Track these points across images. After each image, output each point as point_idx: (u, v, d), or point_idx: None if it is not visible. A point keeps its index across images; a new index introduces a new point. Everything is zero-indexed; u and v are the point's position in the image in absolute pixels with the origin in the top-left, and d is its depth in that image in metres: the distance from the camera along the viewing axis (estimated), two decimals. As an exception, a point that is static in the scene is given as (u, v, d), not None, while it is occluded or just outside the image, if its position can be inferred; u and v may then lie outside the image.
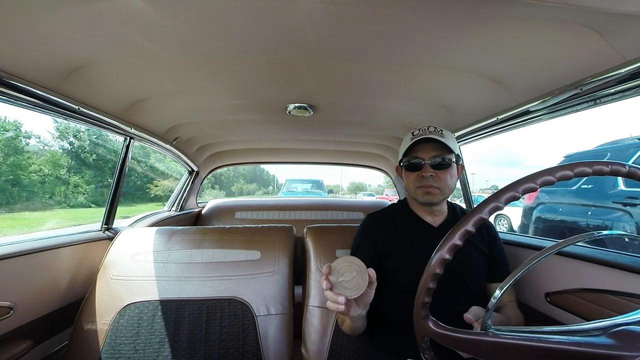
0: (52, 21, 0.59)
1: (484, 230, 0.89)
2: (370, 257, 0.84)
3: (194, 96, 1.06)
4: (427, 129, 0.84)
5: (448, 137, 0.83)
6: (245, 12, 0.58)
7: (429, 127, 0.84)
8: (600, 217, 2.99)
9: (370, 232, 0.91)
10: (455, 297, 0.77)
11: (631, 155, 2.91)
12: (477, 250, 0.85)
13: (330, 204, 2.22)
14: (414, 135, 0.85)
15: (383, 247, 0.86)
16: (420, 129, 0.85)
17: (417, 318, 0.44)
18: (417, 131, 0.85)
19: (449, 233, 0.41)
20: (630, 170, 0.38)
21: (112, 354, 0.87)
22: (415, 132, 0.86)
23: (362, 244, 0.90)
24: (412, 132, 0.87)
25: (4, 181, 12.99)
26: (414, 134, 0.86)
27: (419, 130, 0.85)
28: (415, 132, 0.86)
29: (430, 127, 0.84)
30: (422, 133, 0.83)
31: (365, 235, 0.91)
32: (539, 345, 0.36)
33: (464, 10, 0.55)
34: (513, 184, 0.39)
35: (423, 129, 0.85)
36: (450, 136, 0.85)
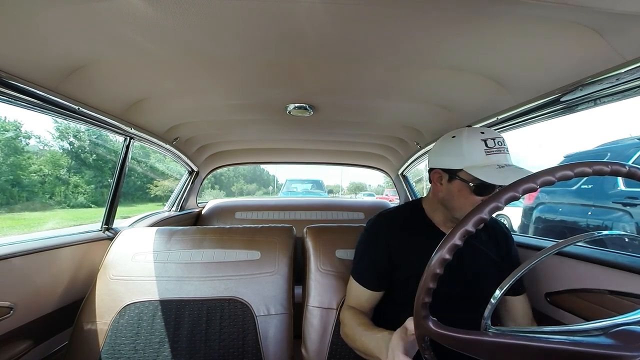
0: (52, 21, 0.59)
1: (500, 238, 0.85)
2: (382, 266, 0.80)
3: (194, 96, 1.06)
4: (503, 142, 0.73)
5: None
6: (245, 12, 0.58)
7: (503, 141, 0.73)
8: (600, 217, 2.99)
9: (380, 237, 0.83)
10: (463, 308, 0.74)
11: (631, 155, 2.91)
12: (488, 259, 0.81)
13: (330, 204, 2.22)
14: (489, 147, 0.72)
15: (395, 257, 0.80)
16: (497, 140, 0.73)
17: (417, 318, 0.44)
18: (490, 141, 0.73)
19: (449, 233, 0.41)
20: (630, 170, 0.38)
21: (112, 354, 0.87)
22: (488, 141, 0.73)
23: (371, 250, 0.83)
24: (478, 132, 0.74)
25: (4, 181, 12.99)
26: (487, 144, 0.72)
27: (494, 141, 0.73)
28: (490, 142, 0.72)
29: (503, 139, 0.74)
30: (499, 146, 0.72)
31: (375, 239, 0.84)
32: (539, 345, 0.36)
33: (464, 10, 0.55)
34: (513, 184, 0.39)
35: (499, 141, 0.73)
36: None
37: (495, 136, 0.74)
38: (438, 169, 0.79)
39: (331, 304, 0.93)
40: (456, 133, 0.77)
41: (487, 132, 0.75)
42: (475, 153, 0.73)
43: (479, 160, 0.72)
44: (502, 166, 0.70)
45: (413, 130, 1.43)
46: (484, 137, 0.73)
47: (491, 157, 0.72)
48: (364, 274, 0.82)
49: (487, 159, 0.72)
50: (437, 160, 0.80)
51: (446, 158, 0.78)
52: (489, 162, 0.72)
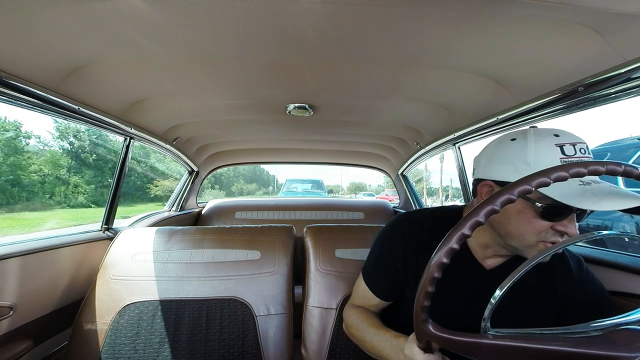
0: (52, 21, 0.59)
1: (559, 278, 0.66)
2: (397, 277, 0.72)
3: (194, 96, 1.06)
4: (587, 150, 0.55)
5: None
6: (245, 12, 0.58)
7: (587, 147, 0.56)
8: (600, 217, 2.98)
9: (400, 247, 0.72)
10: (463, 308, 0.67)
11: (631, 155, 2.91)
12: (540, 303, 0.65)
13: (330, 204, 2.22)
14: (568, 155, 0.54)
15: (411, 274, 0.70)
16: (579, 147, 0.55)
17: (417, 321, 0.44)
18: (569, 148, 0.55)
19: (446, 237, 0.41)
20: (626, 170, 0.38)
21: (112, 354, 0.87)
22: (565, 147, 0.55)
23: (387, 257, 0.73)
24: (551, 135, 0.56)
25: (4, 181, 12.99)
26: (565, 151, 0.54)
27: (574, 148, 0.55)
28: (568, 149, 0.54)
29: (586, 144, 0.56)
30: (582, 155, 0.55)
31: (394, 246, 0.73)
32: (538, 346, 0.36)
33: (464, 10, 0.55)
34: (509, 186, 0.39)
35: (583, 148, 0.55)
36: None
37: (576, 141, 0.56)
38: (489, 181, 0.61)
39: (331, 304, 0.93)
40: (517, 135, 0.60)
41: (562, 134, 0.57)
42: (547, 162, 0.54)
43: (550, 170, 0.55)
44: (587, 183, 0.52)
45: (413, 130, 1.43)
46: (560, 142, 0.55)
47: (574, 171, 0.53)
48: (376, 281, 0.75)
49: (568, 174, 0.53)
50: (489, 169, 0.62)
51: (502, 167, 0.60)
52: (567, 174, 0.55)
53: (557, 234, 0.55)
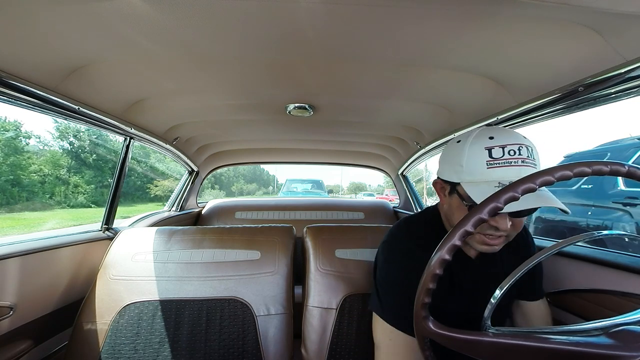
0: (52, 21, 0.59)
1: (522, 246, 0.75)
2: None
3: (194, 96, 1.06)
4: (519, 151, 0.56)
5: (539, 161, 0.58)
6: (245, 12, 0.58)
7: (520, 148, 0.57)
8: (600, 217, 2.98)
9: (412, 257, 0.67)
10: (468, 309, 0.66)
11: (631, 155, 2.91)
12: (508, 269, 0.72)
13: (330, 204, 2.22)
14: (495, 157, 0.57)
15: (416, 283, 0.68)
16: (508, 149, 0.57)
17: (417, 318, 0.44)
18: (497, 150, 0.57)
19: (448, 233, 0.41)
20: (629, 170, 0.38)
21: (112, 354, 0.87)
22: (494, 150, 0.57)
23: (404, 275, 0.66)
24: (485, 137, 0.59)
25: (4, 181, 13.00)
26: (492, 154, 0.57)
27: (503, 150, 0.57)
28: (496, 152, 0.57)
29: (522, 146, 0.57)
30: (510, 157, 0.56)
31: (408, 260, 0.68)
32: (538, 345, 0.36)
33: (464, 10, 0.55)
34: (513, 184, 0.39)
35: (513, 149, 0.56)
36: (538, 154, 0.59)
37: (508, 142, 0.57)
38: (439, 179, 0.68)
39: (331, 304, 0.93)
40: (462, 136, 0.64)
41: (499, 136, 0.59)
42: (475, 164, 0.59)
43: (478, 174, 0.58)
44: (503, 184, 0.55)
45: (413, 130, 1.43)
46: (490, 145, 0.58)
47: (494, 172, 0.57)
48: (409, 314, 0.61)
49: (487, 173, 0.57)
50: (440, 168, 0.69)
51: (447, 167, 0.65)
52: (489, 178, 0.57)
53: (491, 227, 0.58)
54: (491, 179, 0.57)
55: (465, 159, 0.60)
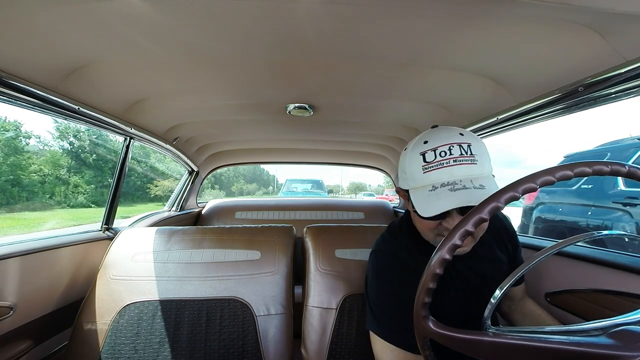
0: (52, 21, 0.59)
1: (505, 237, 0.77)
2: None
3: (194, 96, 1.06)
4: (450, 151, 0.57)
5: (480, 153, 0.58)
6: (245, 12, 0.58)
7: (451, 147, 0.57)
8: (600, 217, 2.98)
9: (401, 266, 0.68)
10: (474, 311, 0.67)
11: (631, 155, 2.91)
12: (496, 263, 0.73)
13: (330, 204, 2.22)
14: (428, 161, 0.58)
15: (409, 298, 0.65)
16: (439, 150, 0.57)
17: (417, 318, 0.44)
18: (430, 154, 0.58)
19: (449, 233, 0.41)
20: (630, 170, 0.38)
21: (112, 354, 0.87)
22: (427, 154, 0.58)
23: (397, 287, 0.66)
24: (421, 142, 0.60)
25: (4, 181, 13.00)
26: (426, 158, 0.58)
27: (434, 153, 0.57)
28: (429, 156, 0.58)
29: (452, 145, 0.57)
30: (441, 158, 0.57)
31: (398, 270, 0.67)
32: (538, 345, 0.36)
33: (464, 10, 0.55)
34: (513, 184, 0.39)
35: (443, 150, 0.57)
36: (481, 148, 0.59)
37: (439, 144, 0.58)
38: (398, 187, 0.69)
39: (331, 304, 0.93)
40: (409, 145, 0.65)
41: (432, 139, 0.59)
42: (414, 171, 0.60)
43: (418, 180, 0.59)
44: (434, 187, 0.56)
45: (413, 130, 1.43)
46: (423, 149, 0.59)
47: (429, 176, 0.57)
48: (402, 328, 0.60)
49: (424, 178, 0.58)
50: (398, 176, 0.69)
51: (400, 175, 0.66)
52: (425, 182, 0.58)
53: (447, 229, 0.58)
54: (427, 183, 0.58)
55: (407, 166, 0.62)
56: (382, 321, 0.65)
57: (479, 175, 0.57)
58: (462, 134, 0.60)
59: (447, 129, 0.62)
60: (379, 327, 0.65)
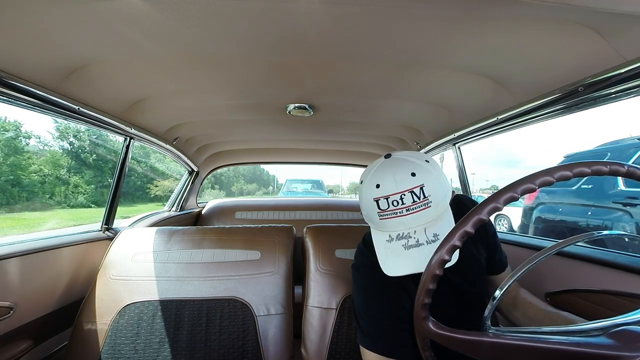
0: (52, 21, 0.59)
1: (481, 230, 0.75)
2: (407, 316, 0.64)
3: (194, 96, 1.06)
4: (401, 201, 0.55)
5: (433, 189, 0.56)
6: (245, 12, 0.58)
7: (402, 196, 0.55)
8: (600, 217, 2.98)
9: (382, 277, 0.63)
10: (462, 308, 0.69)
11: (631, 155, 2.91)
12: (475, 259, 0.72)
13: (330, 204, 2.22)
14: (382, 209, 0.57)
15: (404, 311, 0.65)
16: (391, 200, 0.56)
17: (417, 319, 0.44)
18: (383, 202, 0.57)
19: (448, 234, 0.41)
20: (629, 170, 0.38)
21: (112, 354, 0.87)
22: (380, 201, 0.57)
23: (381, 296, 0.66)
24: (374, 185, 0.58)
25: (4, 181, 12.99)
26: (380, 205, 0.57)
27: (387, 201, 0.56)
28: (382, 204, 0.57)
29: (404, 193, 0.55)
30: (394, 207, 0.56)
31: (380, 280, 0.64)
32: (538, 345, 0.36)
33: (464, 10, 0.55)
34: (512, 184, 0.39)
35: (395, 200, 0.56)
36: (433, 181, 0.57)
37: (391, 192, 0.56)
38: None
39: (331, 304, 0.93)
40: (364, 177, 0.63)
41: (385, 183, 0.57)
42: (371, 214, 0.60)
43: (375, 223, 0.60)
44: (392, 238, 0.57)
45: (413, 130, 1.43)
46: (376, 195, 0.57)
47: (385, 223, 0.58)
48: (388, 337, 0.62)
49: (381, 224, 0.58)
50: None
51: (360, 206, 0.65)
52: (383, 228, 0.59)
53: None
54: (384, 229, 0.59)
55: (364, 206, 0.62)
56: (372, 334, 0.65)
57: (433, 218, 0.56)
58: (414, 174, 0.57)
59: (400, 164, 0.59)
60: (369, 341, 0.65)
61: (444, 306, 0.66)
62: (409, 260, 0.55)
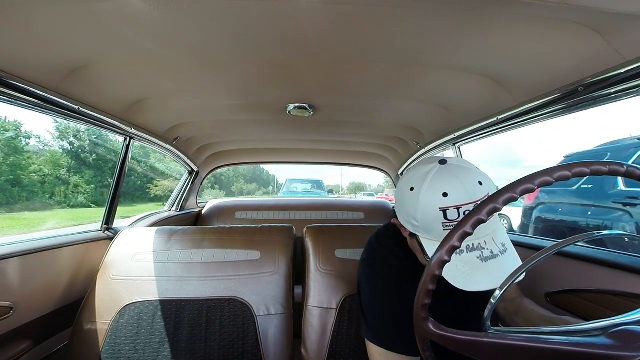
0: (52, 21, 0.59)
1: None
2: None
3: (194, 96, 1.06)
4: None
5: None
6: (245, 12, 0.58)
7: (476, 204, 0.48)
8: (600, 217, 2.98)
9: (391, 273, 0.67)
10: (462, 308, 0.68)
11: (631, 155, 2.91)
12: None
13: (330, 204, 2.22)
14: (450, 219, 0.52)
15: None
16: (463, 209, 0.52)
17: (416, 319, 0.44)
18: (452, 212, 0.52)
19: (448, 234, 0.41)
20: (628, 170, 0.38)
21: (112, 354, 0.87)
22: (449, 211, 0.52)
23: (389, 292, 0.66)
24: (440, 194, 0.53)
25: (4, 181, 13.00)
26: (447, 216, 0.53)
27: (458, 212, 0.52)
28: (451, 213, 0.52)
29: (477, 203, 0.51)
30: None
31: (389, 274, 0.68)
32: (538, 345, 0.36)
33: (463, 10, 0.55)
34: (511, 185, 0.39)
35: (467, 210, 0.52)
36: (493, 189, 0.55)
37: (463, 202, 0.52)
38: (397, 220, 0.64)
39: (331, 304, 0.93)
40: (415, 183, 0.58)
41: (452, 193, 0.53)
42: (431, 224, 0.54)
43: (435, 234, 0.55)
44: (462, 251, 0.52)
45: (413, 130, 1.43)
46: (444, 205, 0.53)
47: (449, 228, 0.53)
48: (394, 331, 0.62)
49: (443, 234, 0.51)
50: (397, 209, 0.63)
51: (403, 216, 0.60)
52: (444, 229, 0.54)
53: None
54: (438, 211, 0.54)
55: (420, 215, 0.56)
56: (377, 327, 0.65)
57: (495, 227, 0.54)
58: (481, 183, 0.54)
59: (466, 172, 0.56)
60: (373, 333, 0.65)
61: (444, 307, 0.66)
62: (489, 274, 0.51)
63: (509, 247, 0.54)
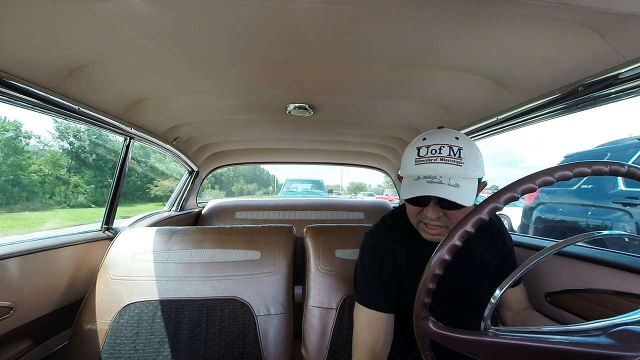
0: (52, 21, 0.59)
1: (497, 239, 0.79)
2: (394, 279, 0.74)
3: (194, 96, 1.06)
4: (440, 150, 0.63)
5: (468, 158, 0.63)
6: (245, 12, 0.58)
7: (442, 147, 0.63)
8: (600, 217, 2.98)
9: (385, 247, 0.76)
10: (463, 315, 0.71)
11: (631, 155, 2.91)
12: (483, 261, 0.76)
13: (330, 204, 2.22)
14: (420, 156, 0.65)
15: (406, 270, 0.74)
16: (431, 148, 0.64)
17: (417, 318, 0.44)
18: (424, 149, 0.65)
19: (448, 234, 0.41)
20: (629, 170, 0.38)
21: (112, 354, 0.87)
22: (421, 149, 0.65)
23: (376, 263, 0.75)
24: (421, 139, 0.67)
25: (4, 181, 13.00)
26: (419, 153, 0.65)
27: (427, 149, 0.64)
28: (422, 151, 0.65)
29: (444, 146, 0.63)
30: (431, 155, 0.63)
31: (380, 250, 0.76)
32: (538, 345, 0.36)
33: (463, 10, 0.55)
34: (512, 184, 0.39)
35: (434, 149, 0.63)
36: (471, 154, 0.64)
37: (433, 143, 0.64)
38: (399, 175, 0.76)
39: (331, 304, 0.93)
40: (414, 140, 0.72)
41: (431, 137, 0.66)
42: (408, 162, 0.68)
43: (408, 170, 0.67)
44: (418, 178, 0.64)
45: (413, 130, 1.43)
46: (420, 144, 0.66)
47: (418, 168, 0.65)
48: (378, 298, 0.72)
49: (414, 169, 0.65)
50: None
51: (401, 169, 0.74)
52: (414, 173, 0.65)
53: (425, 217, 0.67)
54: (415, 173, 0.65)
55: (405, 157, 0.70)
56: (361, 290, 0.76)
57: (459, 176, 0.62)
58: (457, 138, 0.65)
59: (448, 132, 0.68)
60: (359, 295, 0.76)
61: (445, 306, 0.66)
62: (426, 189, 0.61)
63: (463, 189, 0.61)
